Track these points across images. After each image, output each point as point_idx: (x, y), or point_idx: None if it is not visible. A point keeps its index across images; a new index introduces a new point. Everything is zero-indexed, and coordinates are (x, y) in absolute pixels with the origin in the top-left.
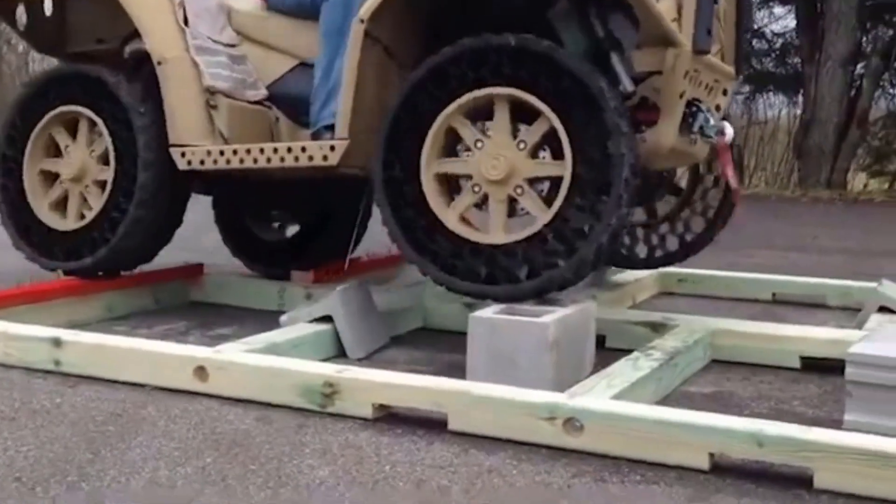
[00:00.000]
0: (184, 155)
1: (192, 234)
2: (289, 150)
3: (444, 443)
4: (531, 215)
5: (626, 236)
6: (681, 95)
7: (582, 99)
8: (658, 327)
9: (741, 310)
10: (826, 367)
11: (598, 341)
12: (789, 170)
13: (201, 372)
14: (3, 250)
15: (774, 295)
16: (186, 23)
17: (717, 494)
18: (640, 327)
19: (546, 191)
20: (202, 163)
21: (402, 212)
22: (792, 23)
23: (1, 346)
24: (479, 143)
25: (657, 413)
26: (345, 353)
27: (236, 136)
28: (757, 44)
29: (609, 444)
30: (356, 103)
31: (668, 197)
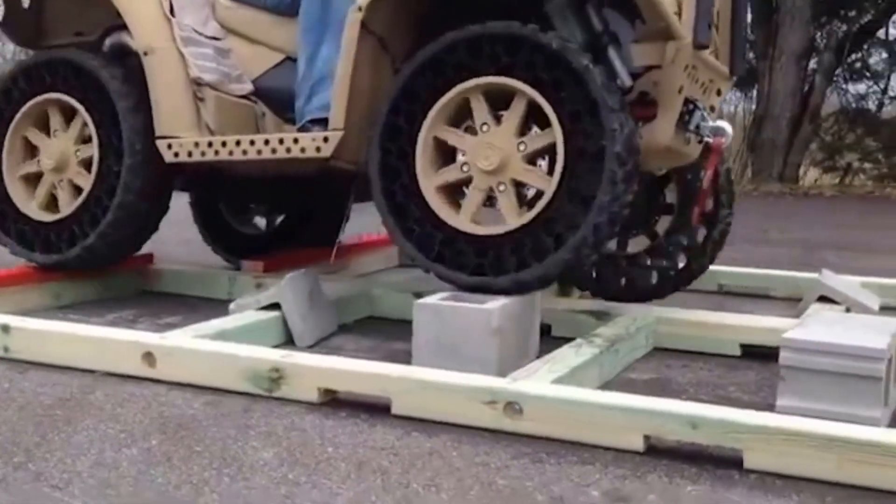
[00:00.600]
0: (170, 147)
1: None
2: (280, 141)
3: (387, 426)
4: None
5: (626, 267)
6: (679, 90)
7: (568, 77)
8: (602, 316)
9: (687, 301)
10: (765, 355)
11: (543, 330)
12: (743, 164)
13: (149, 358)
14: None
15: (721, 286)
16: (172, 13)
17: (650, 475)
18: (585, 316)
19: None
20: (189, 154)
21: (406, 213)
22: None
23: None
24: (485, 127)
25: (594, 397)
26: (293, 340)
27: (223, 129)
28: None
29: (548, 427)
30: (351, 94)
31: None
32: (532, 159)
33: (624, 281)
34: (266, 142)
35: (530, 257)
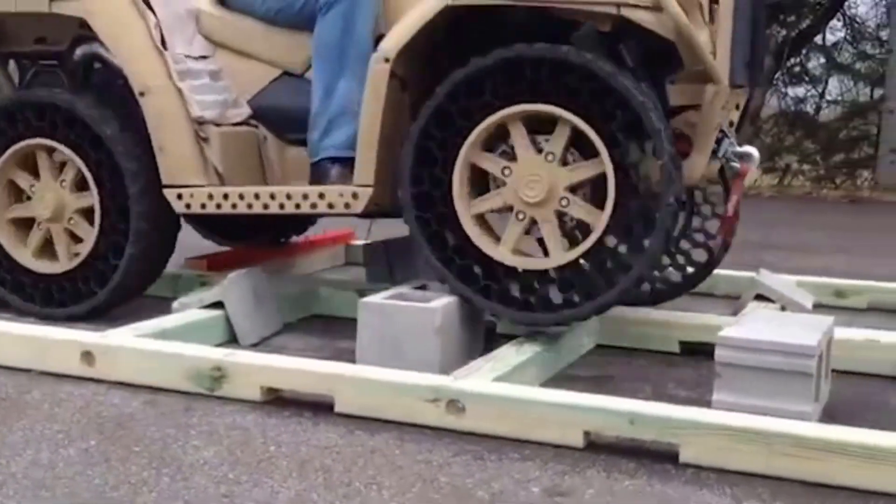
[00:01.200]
0: (181, 197)
1: None
2: (304, 196)
3: (330, 424)
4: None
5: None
6: (715, 128)
7: (621, 108)
8: None
9: None
10: (703, 352)
11: (488, 328)
12: None
13: (88, 357)
14: None
15: None
16: (164, 45)
17: (589, 470)
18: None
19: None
20: (203, 207)
21: (446, 252)
22: None
23: None
24: (506, 171)
25: (534, 394)
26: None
27: (230, 169)
28: None
29: (490, 425)
30: (380, 146)
31: None
32: (576, 190)
33: (648, 286)
34: (288, 196)
35: (580, 295)
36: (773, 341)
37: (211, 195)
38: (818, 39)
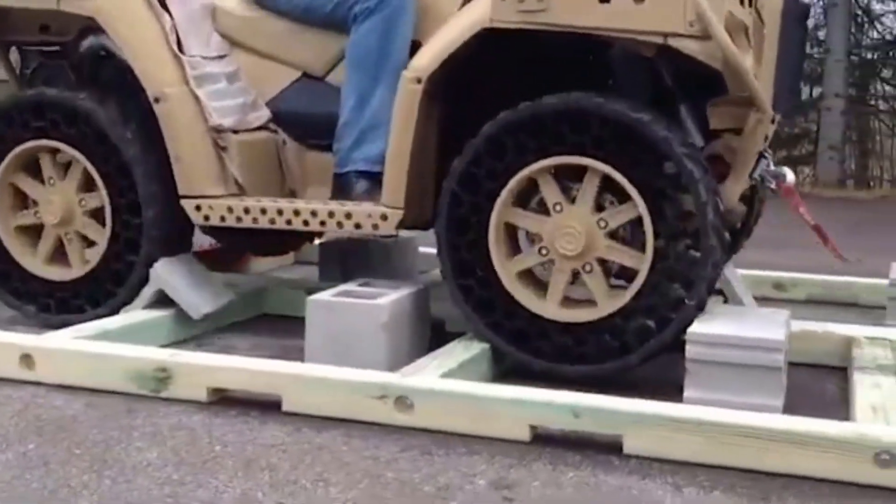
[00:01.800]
0: (199, 209)
1: None
2: (331, 214)
3: (277, 423)
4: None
5: None
6: (755, 154)
7: (646, 150)
8: None
9: None
10: None
11: (438, 325)
12: None
13: (27, 360)
14: None
15: None
16: (180, 47)
17: (535, 463)
18: None
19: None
20: (223, 219)
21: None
22: None
23: None
24: (558, 206)
25: (481, 389)
26: (180, 339)
27: (249, 178)
28: None
29: (438, 420)
30: (410, 169)
31: None
32: (614, 234)
33: None
34: (314, 213)
35: (633, 340)
36: (742, 336)
37: (231, 208)
38: None
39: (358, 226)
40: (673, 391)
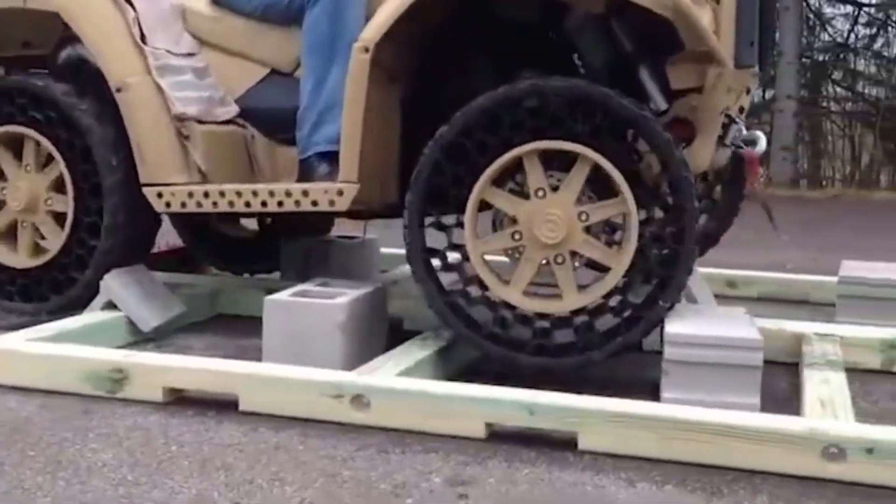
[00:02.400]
0: (161, 196)
1: None
2: (287, 193)
3: (234, 423)
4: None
5: None
6: (720, 113)
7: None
8: None
9: None
10: None
11: (395, 324)
12: None
13: None
14: None
15: None
16: (143, 38)
17: (491, 460)
18: None
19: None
20: (183, 205)
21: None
22: None
23: None
24: (540, 192)
25: (437, 388)
26: (138, 340)
27: (214, 166)
28: None
29: (394, 419)
30: (364, 141)
31: None
32: (590, 229)
33: None
34: (271, 193)
35: (598, 338)
36: (721, 336)
37: (191, 193)
38: None
39: (315, 203)
40: (645, 391)
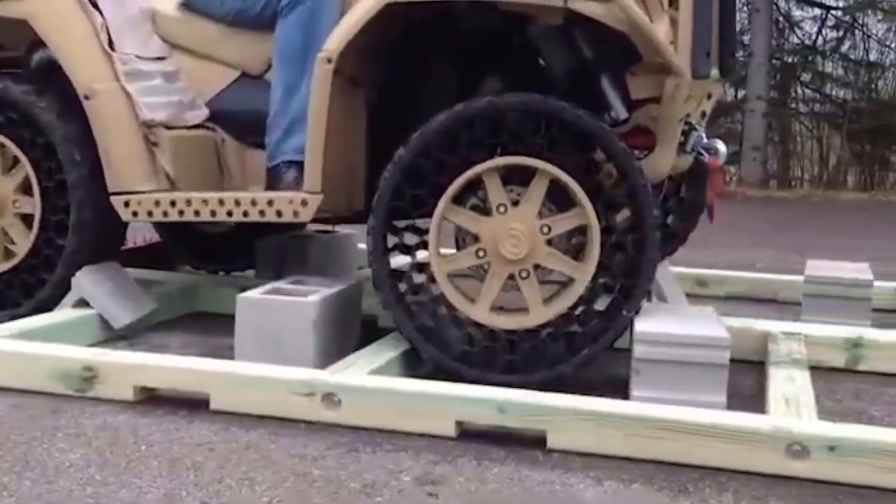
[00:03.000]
0: (128, 205)
1: None
2: (253, 202)
3: (205, 422)
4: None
5: None
6: (680, 121)
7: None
8: None
9: None
10: None
11: (370, 322)
12: None
13: None
14: None
15: None
16: (111, 44)
17: (461, 458)
18: None
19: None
20: (150, 214)
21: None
22: None
23: None
24: (501, 208)
25: (407, 386)
26: (111, 338)
27: (182, 173)
28: None
29: (365, 418)
30: (327, 151)
31: None
32: (552, 241)
33: None
34: (237, 202)
35: (566, 350)
36: (689, 335)
37: (158, 202)
38: None
39: (279, 213)
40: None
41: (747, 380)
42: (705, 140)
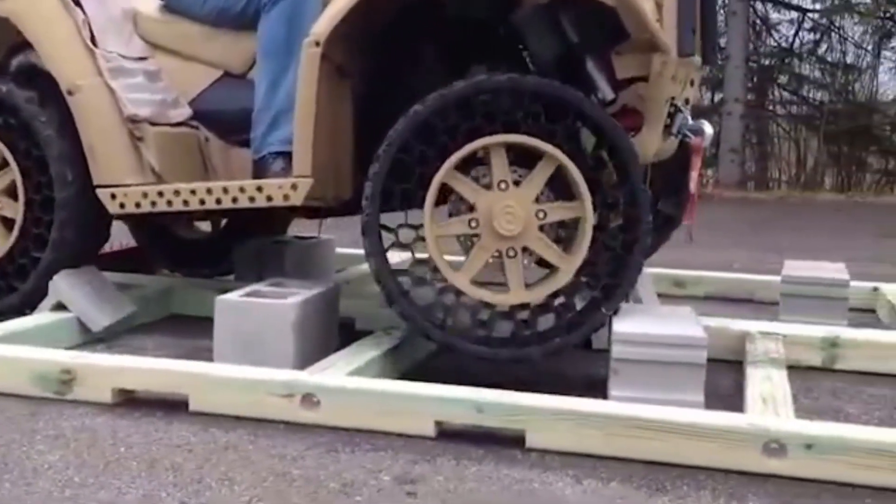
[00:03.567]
0: (114, 197)
1: None
2: (241, 189)
3: (183, 423)
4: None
5: None
6: (666, 101)
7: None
8: None
9: None
10: None
11: (348, 324)
12: None
13: None
14: None
15: None
16: (94, 40)
17: (440, 458)
18: (387, 309)
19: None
20: (138, 206)
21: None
22: None
23: None
24: (502, 185)
25: (386, 386)
26: (89, 341)
27: (168, 167)
28: None
29: (344, 418)
30: (316, 135)
31: None
32: (544, 228)
33: None
34: (225, 190)
35: (538, 335)
36: (666, 335)
37: (145, 193)
38: None
39: (269, 198)
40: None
41: (725, 379)
42: (690, 122)
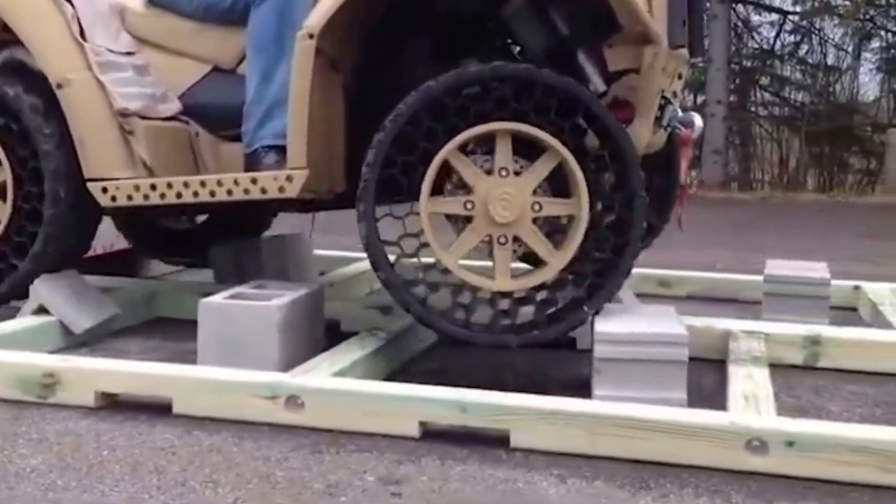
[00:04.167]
0: (105, 191)
1: None
2: (236, 182)
3: (167, 426)
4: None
5: None
6: (657, 93)
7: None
8: (388, 311)
9: None
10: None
11: (333, 325)
12: None
13: None
14: None
15: None
16: (83, 34)
17: (424, 458)
18: (372, 311)
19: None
20: (129, 198)
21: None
22: None
23: None
24: (503, 172)
25: (370, 387)
26: (72, 344)
27: (159, 161)
28: None
29: (329, 419)
30: (310, 127)
31: None
32: (537, 220)
33: None
34: (219, 182)
35: (517, 325)
36: (648, 333)
37: (137, 186)
38: None
39: (264, 190)
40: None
41: (708, 378)
42: (680, 114)
